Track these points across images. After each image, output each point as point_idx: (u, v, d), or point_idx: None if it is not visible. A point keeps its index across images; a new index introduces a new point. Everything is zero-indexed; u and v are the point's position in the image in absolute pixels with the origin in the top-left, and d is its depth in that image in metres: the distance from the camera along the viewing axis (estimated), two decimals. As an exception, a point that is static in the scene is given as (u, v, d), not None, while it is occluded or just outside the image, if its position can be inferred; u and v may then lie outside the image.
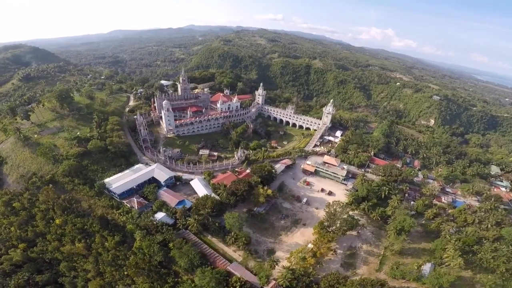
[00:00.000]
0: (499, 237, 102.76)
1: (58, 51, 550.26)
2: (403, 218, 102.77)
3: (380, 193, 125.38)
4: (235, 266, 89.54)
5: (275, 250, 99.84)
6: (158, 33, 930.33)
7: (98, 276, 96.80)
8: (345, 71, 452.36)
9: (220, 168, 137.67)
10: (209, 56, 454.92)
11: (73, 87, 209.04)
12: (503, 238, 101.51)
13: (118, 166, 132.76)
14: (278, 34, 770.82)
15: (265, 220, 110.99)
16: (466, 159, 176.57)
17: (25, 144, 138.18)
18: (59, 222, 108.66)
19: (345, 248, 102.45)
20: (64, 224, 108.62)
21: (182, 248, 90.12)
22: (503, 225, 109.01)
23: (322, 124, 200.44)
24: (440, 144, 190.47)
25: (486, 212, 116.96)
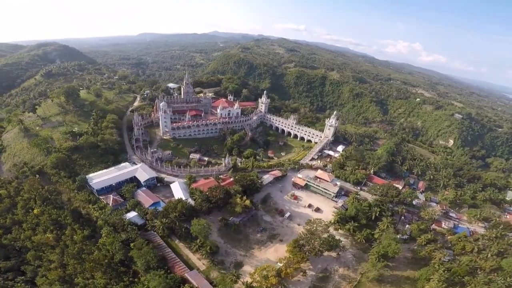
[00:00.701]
0: (497, 268, 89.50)
1: (88, 50, 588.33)
2: (388, 242, 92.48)
3: (370, 214, 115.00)
4: (193, 274, 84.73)
5: (243, 263, 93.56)
6: (183, 38, 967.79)
7: (61, 268, 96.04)
8: (363, 84, 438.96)
9: (206, 173, 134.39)
10: (225, 62, 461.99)
11: (84, 84, 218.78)
12: (501, 269, 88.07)
13: (106, 162, 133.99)
14: (298, 44, 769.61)
15: (240, 232, 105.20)
16: (479, 183, 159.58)
17: (25, 135, 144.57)
18: (36, 212, 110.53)
19: (319, 270, 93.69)
20: (41, 214, 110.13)
21: (141, 249, 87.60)
22: (506, 255, 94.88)
23: (324, 137, 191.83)
24: (451, 166, 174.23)
25: (490, 240, 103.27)
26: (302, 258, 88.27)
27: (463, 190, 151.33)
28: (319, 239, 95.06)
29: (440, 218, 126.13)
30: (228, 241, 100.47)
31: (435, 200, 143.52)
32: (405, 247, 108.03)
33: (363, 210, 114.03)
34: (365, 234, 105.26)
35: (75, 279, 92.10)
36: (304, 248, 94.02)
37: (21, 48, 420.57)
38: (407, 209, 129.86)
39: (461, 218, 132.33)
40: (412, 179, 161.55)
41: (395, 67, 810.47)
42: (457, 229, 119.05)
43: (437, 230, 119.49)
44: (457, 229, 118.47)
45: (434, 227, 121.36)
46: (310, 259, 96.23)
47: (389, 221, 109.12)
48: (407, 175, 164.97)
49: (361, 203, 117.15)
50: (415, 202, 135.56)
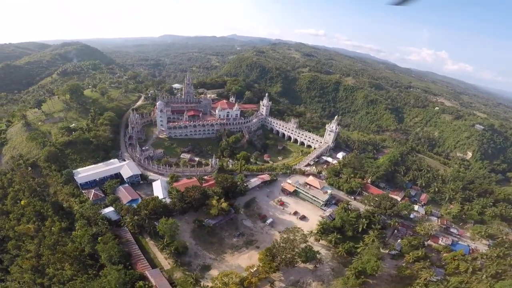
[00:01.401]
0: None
1: (111, 50, 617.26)
2: (367, 258, 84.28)
3: (357, 225, 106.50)
4: (154, 272, 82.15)
5: (211, 267, 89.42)
6: (202, 40, 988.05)
7: (36, 258, 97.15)
8: (379, 91, 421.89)
9: (191, 173, 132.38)
10: (238, 65, 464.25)
11: (92, 83, 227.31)
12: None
13: (96, 158, 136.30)
14: (316, 49, 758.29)
15: (215, 234, 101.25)
16: (491, 197, 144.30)
17: (26, 129, 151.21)
18: (23, 203, 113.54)
19: (290, 282, 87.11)
20: (27, 206, 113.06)
21: (107, 243, 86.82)
22: (504, 276, 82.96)
23: (323, 143, 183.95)
24: (462, 179, 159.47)
25: (490, 260, 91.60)
26: (270, 268, 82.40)
27: (471, 205, 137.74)
28: (292, 249, 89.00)
29: (438, 234, 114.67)
30: (200, 243, 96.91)
31: (437, 214, 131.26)
32: (393, 263, 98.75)
33: (350, 221, 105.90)
34: (346, 247, 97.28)
35: (47, 269, 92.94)
36: (276, 258, 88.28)
37: (47, 47, 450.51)
38: (401, 223, 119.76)
39: (463, 235, 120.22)
40: (414, 191, 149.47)
41: (418, 75, 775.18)
42: (455, 246, 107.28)
43: (433, 246, 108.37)
44: (455, 246, 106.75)
45: (430, 243, 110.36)
46: (283, 269, 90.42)
47: (376, 235, 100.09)
48: (410, 186, 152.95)
49: (348, 213, 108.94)
50: (412, 216, 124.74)
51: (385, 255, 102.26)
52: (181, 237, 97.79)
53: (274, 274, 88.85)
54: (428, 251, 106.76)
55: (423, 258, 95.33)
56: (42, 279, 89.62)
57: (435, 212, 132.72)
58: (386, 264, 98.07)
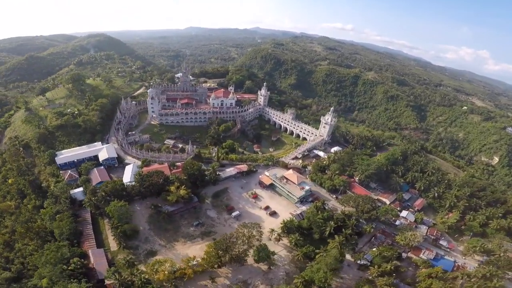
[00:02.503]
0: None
1: (135, 42, 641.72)
2: (317, 267, 75.92)
3: (324, 228, 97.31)
4: (96, 251, 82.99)
5: (157, 253, 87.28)
6: (224, 33, 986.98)
7: (10, 233, 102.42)
8: (403, 87, 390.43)
9: (166, 159, 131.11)
10: (253, 57, 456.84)
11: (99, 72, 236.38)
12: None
13: (82, 141, 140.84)
14: (341, 44, 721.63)
15: (172, 222, 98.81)
16: (501, 208, 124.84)
17: (29, 114, 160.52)
18: (11, 182, 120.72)
19: (236, 281, 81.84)
20: (13, 184, 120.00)
21: (63, 220, 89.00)
22: None
23: (318, 136, 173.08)
24: (472, 185, 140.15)
25: (474, 281, 78.22)
26: (209, 263, 77.82)
27: (473, 215, 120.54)
28: (243, 245, 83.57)
29: (421, 246, 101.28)
30: (154, 228, 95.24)
31: (428, 222, 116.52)
32: (358, 275, 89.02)
33: (317, 222, 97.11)
34: (305, 251, 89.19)
35: (16, 244, 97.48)
36: (226, 253, 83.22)
37: (74, 39, 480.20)
38: (382, 229, 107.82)
39: (454, 248, 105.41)
40: (410, 195, 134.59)
41: (452, 73, 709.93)
42: (439, 261, 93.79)
43: (413, 259, 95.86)
44: (438, 262, 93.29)
45: (410, 256, 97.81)
46: (234, 266, 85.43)
47: (341, 240, 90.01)
48: (406, 189, 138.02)
49: (317, 213, 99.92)
50: (398, 222, 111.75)
51: (352, 264, 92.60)
52: (138, 221, 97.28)
53: (222, 270, 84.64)
54: (406, 264, 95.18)
55: (392, 272, 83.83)
56: (9, 253, 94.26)
57: (427, 220, 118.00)
58: (349, 275, 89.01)
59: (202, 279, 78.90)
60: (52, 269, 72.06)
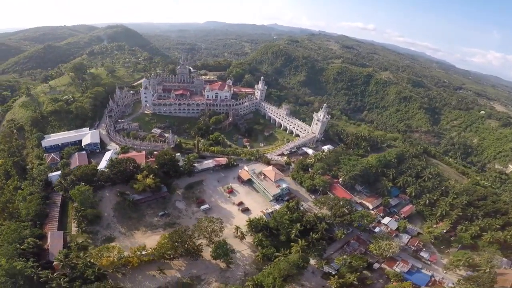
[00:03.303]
0: None
1: (153, 34, 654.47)
2: (268, 272, 72.04)
3: (290, 230, 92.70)
4: (55, 234, 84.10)
5: (115, 240, 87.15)
6: (242, 28, 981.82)
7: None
8: (418, 88, 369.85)
9: (146, 147, 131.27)
10: (264, 53, 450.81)
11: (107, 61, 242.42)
12: None
13: (72, 126, 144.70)
14: (360, 43, 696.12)
15: (138, 210, 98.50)
16: (500, 219, 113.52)
17: (30, 99, 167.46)
18: (0, 162, 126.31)
19: (188, 275, 79.84)
20: (2, 165, 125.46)
21: (31, 202, 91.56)
22: None
23: (310, 133, 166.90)
24: (472, 193, 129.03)
25: None
26: (159, 254, 76.37)
27: (466, 225, 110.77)
28: (197, 240, 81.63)
29: (398, 256, 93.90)
30: (118, 215, 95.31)
31: (413, 231, 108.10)
32: (320, 284, 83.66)
33: (283, 223, 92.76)
34: (265, 253, 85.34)
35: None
36: (180, 245, 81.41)
37: (94, 29, 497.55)
38: (357, 236, 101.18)
39: (436, 261, 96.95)
40: (398, 200, 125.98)
41: (477, 77, 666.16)
42: (413, 274, 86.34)
43: (386, 271, 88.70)
44: (412, 275, 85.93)
45: (384, 267, 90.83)
46: (190, 260, 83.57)
47: (303, 245, 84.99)
48: (396, 194, 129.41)
49: (284, 214, 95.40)
50: (378, 230, 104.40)
51: (317, 271, 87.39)
52: (104, 207, 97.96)
53: (175, 262, 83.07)
54: (377, 276, 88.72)
55: (354, 284, 77.75)
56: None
57: (412, 228, 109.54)
58: (311, 283, 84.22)
59: (151, 269, 77.68)
60: (7, 248, 73.87)
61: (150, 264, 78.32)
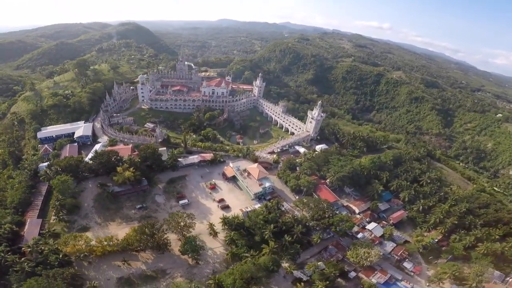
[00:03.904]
0: None
1: (165, 32, 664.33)
2: (229, 272, 70.37)
3: (264, 231, 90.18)
4: (34, 221, 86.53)
5: (89, 230, 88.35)
6: (253, 26, 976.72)
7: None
8: (432, 89, 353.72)
9: (134, 141, 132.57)
10: (272, 50, 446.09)
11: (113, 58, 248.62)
12: None
13: (69, 119, 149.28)
14: (374, 42, 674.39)
15: (117, 202, 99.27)
16: (501, 230, 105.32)
17: (32, 93, 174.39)
18: (0, 152, 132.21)
19: (153, 268, 79.39)
20: (1, 154, 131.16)
21: (17, 190, 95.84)
22: None
23: (305, 131, 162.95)
24: (473, 200, 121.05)
25: None
26: (126, 245, 76.66)
27: (460, 235, 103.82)
28: (164, 234, 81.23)
29: (378, 265, 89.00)
30: (97, 206, 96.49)
31: (399, 239, 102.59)
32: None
33: (257, 223, 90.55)
34: (233, 252, 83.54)
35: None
36: (147, 238, 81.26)
37: (108, 26, 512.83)
38: (338, 241, 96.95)
39: (421, 272, 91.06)
40: (389, 205, 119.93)
41: (498, 80, 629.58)
42: (390, 286, 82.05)
43: (363, 281, 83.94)
44: (389, 287, 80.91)
45: (361, 276, 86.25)
46: (156, 253, 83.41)
47: (273, 247, 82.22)
48: (388, 199, 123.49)
49: (259, 214, 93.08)
50: (361, 236, 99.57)
51: (288, 277, 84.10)
52: (85, 197, 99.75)
53: (144, 255, 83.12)
54: (353, 285, 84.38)
55: None
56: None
57: (398, 236, 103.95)
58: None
59: (117, 259, 78.04)
60: (-16, 232, 76.80)
61: (119, 254, 78.79)
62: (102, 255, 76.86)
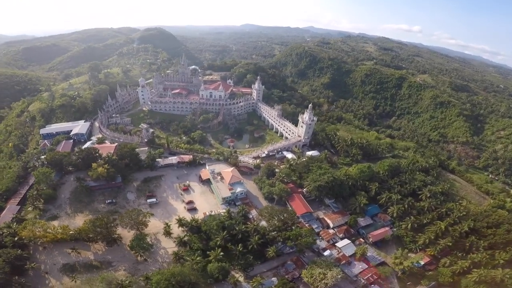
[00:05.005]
0: None
1: (190, 37, 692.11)
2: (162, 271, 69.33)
3: (217, 237, 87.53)
4: (12, 208, 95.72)
5: (57, 219, 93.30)
6: (275, 30, 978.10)
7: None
8: (460, 93, 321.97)
9: (123, 140, 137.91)
10: (289, 54, 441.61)
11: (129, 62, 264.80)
12: None
13: (73, 118, 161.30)
14: (402, 45, 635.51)
15: (90, 196, 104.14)
16: (509, 253, 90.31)
17: (47, 94, 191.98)
18: (11, 146, 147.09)
19: (100, 259, 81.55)
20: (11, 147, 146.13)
21: (7, 179, 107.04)
22: None
23: (297, 136, 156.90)
24: (482, 219, 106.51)
25: None
26: (78, 234, 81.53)
27: (453, 258, 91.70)
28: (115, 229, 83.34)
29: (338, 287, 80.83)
30: (71, 198, 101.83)
31: (374, 259, 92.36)
32: None
33: (211, 229, 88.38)
34: (177, 252, 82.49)
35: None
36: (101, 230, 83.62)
37: (136, 31, 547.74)
38: (298, 257, 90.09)
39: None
40: (372, 220, 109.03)
41: None
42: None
43: None
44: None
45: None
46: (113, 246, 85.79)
47: (216, 255, 79.41)
48: (373, 213, 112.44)
49: (213, 219, 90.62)
50: (327, 253, 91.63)
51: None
52: (64, 189, 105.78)
53: (96, 246, 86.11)
54: None
55: None
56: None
57: (374, 257, 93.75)
58: None
59: (69, 247, 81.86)
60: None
61: (74, 243, 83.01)
62: (56, 241, 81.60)
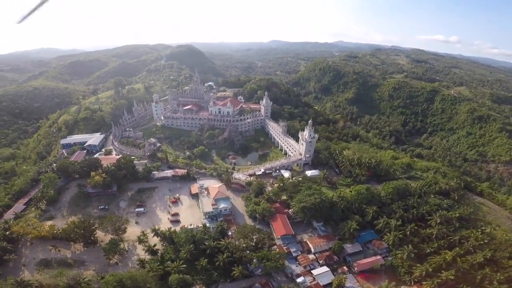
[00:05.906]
0: None
1: (218, 53, 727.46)
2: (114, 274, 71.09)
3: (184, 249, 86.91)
4: (19, 206, 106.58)
5: (52, 219, 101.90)
6: (303, 46, 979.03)
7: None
8: (504, 105, 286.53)
9: (127, 153, 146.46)
10: (312, 69, 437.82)
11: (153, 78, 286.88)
12: None
13: (92, 130, 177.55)
14: (438, 57, 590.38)
15: (88, 201, 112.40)
16: None
17: (75, 107, 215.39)
18: (36, 152, 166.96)
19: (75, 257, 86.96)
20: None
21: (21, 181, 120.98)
22: None
23: (298, 154, 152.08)
24: (504, 248, 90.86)
25: None
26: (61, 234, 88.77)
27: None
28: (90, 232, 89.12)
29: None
30: (70, 202, 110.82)
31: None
32: None
33: (180, 241, 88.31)
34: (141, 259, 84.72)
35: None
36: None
37: (168, 48, 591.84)
38: (267, 281, 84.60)
39: None
40: (366, 247, 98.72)
41: None
42: None
43: None
44: None
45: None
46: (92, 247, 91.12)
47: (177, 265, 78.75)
48: (367, 239, 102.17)
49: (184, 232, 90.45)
50: (300, 280, 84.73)
51: None
52: (67, 194, 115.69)
53: (77, 246, 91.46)
54: None
55: None
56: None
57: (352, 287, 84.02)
58: None
59: (51, 244, 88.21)
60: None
61: (58, 241, 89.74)
62: (42, 238, 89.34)
